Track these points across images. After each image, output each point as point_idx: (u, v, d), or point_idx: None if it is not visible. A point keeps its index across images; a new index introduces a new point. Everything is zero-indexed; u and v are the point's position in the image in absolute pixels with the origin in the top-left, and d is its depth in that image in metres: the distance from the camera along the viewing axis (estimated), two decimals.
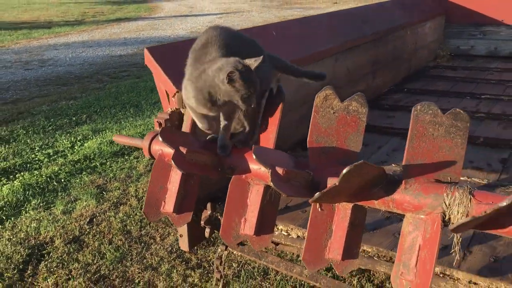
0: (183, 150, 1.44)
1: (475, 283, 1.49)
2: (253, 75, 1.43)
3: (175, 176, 1.64)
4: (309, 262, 1.41)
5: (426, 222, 1.28)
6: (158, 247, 2.83)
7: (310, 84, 2.66)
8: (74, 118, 5.32)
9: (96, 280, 2.55)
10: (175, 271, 2.62)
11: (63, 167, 3.98)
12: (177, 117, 1.78)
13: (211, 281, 2.51)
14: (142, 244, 2.87)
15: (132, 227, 3.05)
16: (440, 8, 4.73)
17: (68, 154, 4.26)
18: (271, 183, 1.25)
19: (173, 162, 1.40)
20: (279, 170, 1.30)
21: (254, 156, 1.29)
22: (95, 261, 2.70)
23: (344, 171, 1.15)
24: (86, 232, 3.00)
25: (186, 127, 1.73)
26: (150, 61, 1.80)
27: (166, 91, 1.79)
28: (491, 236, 1.66)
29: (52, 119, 5.28)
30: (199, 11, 18.04)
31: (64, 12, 18.31)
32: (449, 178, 1.33)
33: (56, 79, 7.37)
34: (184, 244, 1.99)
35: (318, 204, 1.40)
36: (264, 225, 1.55)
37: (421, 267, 1.27)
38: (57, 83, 7.09)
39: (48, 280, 2.54)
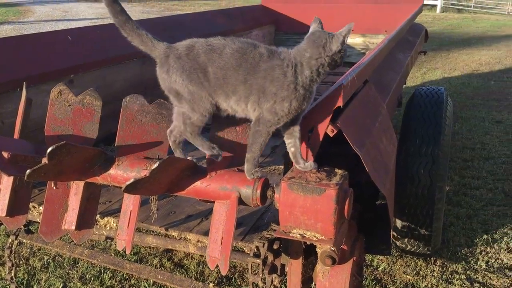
0: None
1: (201, 242, 1.83)
2: None
3: None
4: (46, 233, 1.64)
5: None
6: None
7: (115, 84, 2.92)
8: None
9: None
10: None
11: None
12: None
13: (17, 273, 2.63)
14: None
15: None
16: (269, 18, 5.26)
17: None
18: None
19: None
20: (5, 154, 1.52)
21: None
22: None
23: (48, 150, 1.40)
24: None
25: None
26: None
27: None
28: None
29: None
30: (74, 15, 17.45)
31: None
32: (157, 155, 1.64)
33: None
34: None
35: (52, 183, 1.64)
36: (17, 207, 1.75)
37: (131, 228, 1.57)
38: None
39: None
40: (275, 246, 1.67)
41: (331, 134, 1.48)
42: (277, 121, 1.41)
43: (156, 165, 1.33)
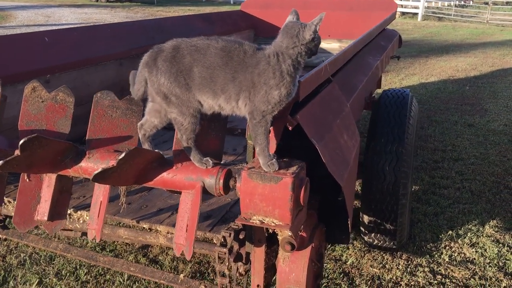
0: None
1: (171, 233, 1.91)
2: None
3: None
4: (19, 224, 1.71)
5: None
6: None
7: (92, 85, 2.98)
8: None
9: None
10: None
11: None
12: None
13: None
14: None
15: None
16: (248, 23, 5.37)
17: None
18: None
19: None
20: None
21: None
22: None
23: (20, 142, 1.47)
24: None
25: None
26: None
27: None
28: None
29: None
30: (56, 20, 17.38)
31: None
32: (127, 149, 1.72)
33: None
34: None
35: (25, 175, 1.71)
36: None
37: (100, 218, 1.64)
38: None
39: None
40: (240, 236, 1.75)
41: (290, 127, 1.57)
42: (271, 109, 1.46)
43: (122, 155, 1.41)
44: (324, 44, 5.22)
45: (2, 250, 2.89)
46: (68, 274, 2.68)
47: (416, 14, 21.88)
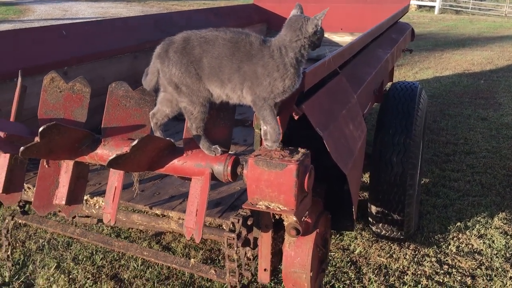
0: None
1: (182, 219, 1.98)
2: None
3: None
4: (39, 207, 1.80)
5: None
6: None
7: (108, 77, 3.07)
8: None
9: None
10: None
11: None
12: None
13: (14, 255, 2.79)
14: None
15: None
16: (261, 17, 5.42)
17: None
18: None
19: None
20: (1, 134, 1.68)
21: None
22: None
23: (40, 129, 1.55)
24: None
25: None
26: None
27: None
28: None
29: None
30: (74, 14, 17.61)
31: None
32: (139, 136, 1.80)
33: None
34: None
35: (44, 161, 1.80)
36: (12, 185, 1.91)
37: (115, 202, 1.73)
38: None
39: None
40: (248, 222, 1.82)
41: (296, 117, 1.63)
42: (273, 97, 1.52)
43: (135, 141, 1.48)
44: (336, 38, 5.25)
45: (22, 236, 3.01)
46: (84, 259, 2.78)
47: (433, 7, 21.65)
